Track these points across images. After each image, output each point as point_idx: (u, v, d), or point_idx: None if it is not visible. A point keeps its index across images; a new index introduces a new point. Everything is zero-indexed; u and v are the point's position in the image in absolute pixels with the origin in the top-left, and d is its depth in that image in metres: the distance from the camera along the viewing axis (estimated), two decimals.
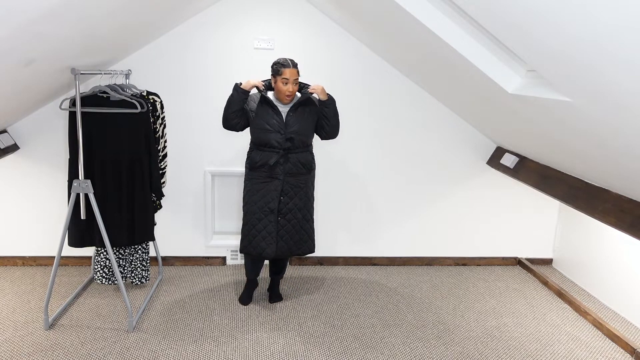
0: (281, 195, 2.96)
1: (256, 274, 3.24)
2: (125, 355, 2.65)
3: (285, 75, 2.82)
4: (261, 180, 2.96)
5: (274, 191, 2.95)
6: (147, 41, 3.41)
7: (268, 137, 2.91)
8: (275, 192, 2.95)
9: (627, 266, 3.22)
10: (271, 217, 2.96)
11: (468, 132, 3.85)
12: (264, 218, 2.96)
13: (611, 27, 1.24)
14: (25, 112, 3.35)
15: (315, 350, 2.77)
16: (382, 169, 3.86)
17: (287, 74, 2.81)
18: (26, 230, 3.67)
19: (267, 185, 2.96)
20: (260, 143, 2.95)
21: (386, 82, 3.71)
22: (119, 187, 3.05)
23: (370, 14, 2.80)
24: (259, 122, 2.91)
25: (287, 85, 2.83)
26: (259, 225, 2.97)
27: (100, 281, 3.27)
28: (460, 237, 4.03)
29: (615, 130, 1.83)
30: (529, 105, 2.33)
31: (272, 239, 2.97)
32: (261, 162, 2.94)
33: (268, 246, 2.97)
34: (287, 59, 2.86)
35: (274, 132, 2.90)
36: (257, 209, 2.96)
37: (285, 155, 2.93)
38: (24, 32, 1.85)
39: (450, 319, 3.18)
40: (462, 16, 2.22)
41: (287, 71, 2.81)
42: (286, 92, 2.85)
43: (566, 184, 2.91)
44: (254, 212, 2.97)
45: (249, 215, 3.00)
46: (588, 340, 2.99)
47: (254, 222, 2.98)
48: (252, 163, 2.99)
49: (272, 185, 2.95)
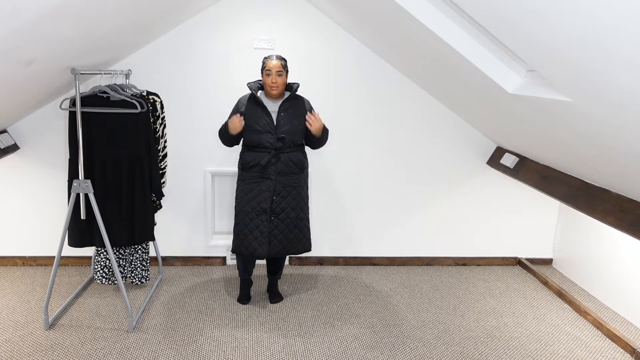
0: (274, 195, 2.97)
1: (249, 274, 3.24)
2: (125, 355, 2.65)
3: (268, 67, 2.89)
4: (253, 180, 2.98)
5: (266, 191, 2.96)
6: (147, 41, 3.41)
7: (259, 138, 2.94)
8: (268, 192, 2.96)
9: (627, 266, 3.22)
10: (263, 217, 2.97)
11: (468, 132, 3.85)
12: (255, 218, 2.97)
13: (611, 27, 1.24)
14: (25, 112, 3.35)
15: (315, 350, 2.77)
16: (382, 168, 3.86)
17: (269, 65, 2.89)
18: (26, 230, 3.67)
19: (258, 185, 2.97)
20: (251, 144, 2.98)
21: (386, 82, 3.71)
22: (119, 187, 3.05)
23: (369, 14, 2.80)
24: (250, 123, 2.95)
25: (270, 77, 2.90)
26: (250, 225, 2.98)
27: (101, 281, 3.27)
28: (460, 237, 4.03)
29: (615, 130, 1.82)
30: (529, 105, 2.33)
31: (265, 239, 2.98)
32: (253, 163, 2.97)
33: (260, 246, 2.98)
34: (273, 54, 2.95)
35: (265, 133, 2.93)
36: (250, 208, 2.98)
37: (276, 155, 2.95)
38: (24, 32, 1.85)
39: (450, 319, 3.18)
40: (462, 16, 2.22)
41: (269, 63, 2.89)
42: (269, 84, 2.91)
43: (566, 184, 2.91)
44: (246, 212, 2.99)
45: (241, 215, 3.01)
46: (588, 340, 2.99)
47: (246, 222, 2.99)
48: (244, 163, 3.02)
49: (264, 185, 2.96)
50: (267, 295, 3.35)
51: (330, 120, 3.71)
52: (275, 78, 2.90)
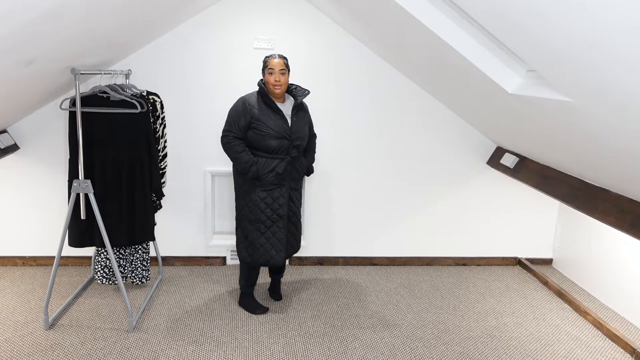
0: (290, 201, 2.94)
1: (255, 284, 3.19)
2: (125, 355, 2.65)
3: (271, 66, 2.81)
4: (265, 188, 2.87)
5: (281, 197, 2.89)
6: (147, 41, 3.41)
7: (276, 144, 2.82)
8: (283, 199, 2.89)
9: (627, 266, 3.22)
10: (280, 224, 2.91)
11: (468, 132, 3.85)
12: (272, 225, 2.90)
13: (611, 27, 1.24)
14: (25, 112, 3.35)
15: (315, 350, 2.77)
16: (382, 168, 3.86)
17: (272, 64, 2.81)
18: (26, 230, 3.67)
19: (272, 192, 2.88)
20: (265, 149, 2.85)
21: (386, 82, 3.71)
22: (119, 187, 3.05)
23: (369, 14, 2.80)
24: (263, 128, 2.81)
25: (272, 75, 2.81)
26: (267, 232, 2.90)
27: (101, 281, 3.27)
28: (460, 237, 4.03)
29: (615, 130, 1.82)
30: (529, 105, 2.33)
31: (282, 245, 2.93)
32: (268, 170, 2.84)
33: (278, 253, 2.92)
34: (274, 53, 2.89)
35: (281, 139, 2.82)
36: (265, 217, 2.89)
37: (291, 161, 2.89)
38: (23, 32, 1.85)
39: (450, 319, 3.18)
40: (462, 16, 2.22)
41: (272, 61, 2.82)
42: (272, 82, 2.81)
43: (566, 184, 2.91)
44: (261, 220, 2.89)
45: (255, 224, 2.90)
46: (588, 340, 2.99)
47: (262, 229, 2.90)
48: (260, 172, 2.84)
49: (277, 192, 2.88)
50: (268, 294, 3.34)
51: (330, 120, 3.72)
52: (279, 76, 2.81)
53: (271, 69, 2.81)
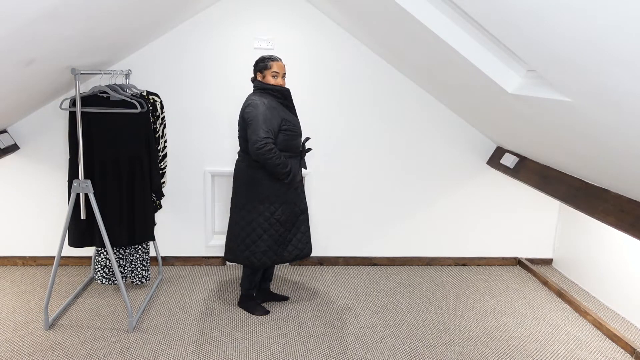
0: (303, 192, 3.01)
1: (257, 286, 3.19)
2: (125, 355, 2.65)
3: (275, 69, 2.80)
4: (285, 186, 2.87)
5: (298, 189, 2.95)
6: (147, 41, 3.41)
7: (296, 142, 2.88)
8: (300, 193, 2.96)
9: (627, 266, 3.22)
10: (303, 217, 3.00)
11: (468, 132, 3.85)
12: (297, 220, 2.97)
13: (611, 27, 1.24)
14: (25, 112, 3.35)
15: (315, 350, 2.77)
16: (382, 168, 3.86)
17: (276, 67, 2.81)
18: (26, 230, 3.67)
19: (288, 191, 2.89)
20: (291, 149, 2.85)
21: (386, 82, 3.71)
22: (119, 187, 3.05)
23: (369, 14, 2.80)
24: (290, 127, 2.81)
25: (277, 79, 2.81)
26: (302, 227, 2.99)
27: (101, 281, 3.27)
28: (460, 237, 4.03)
29: (615, 130, 1.83)
30: (529, 105, 2.33)
31: (308, 237, 3.03)
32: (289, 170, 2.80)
33: (305, 245, 3.01)
34: (274, 55, 2.91)
35: (300, 136, 2.90)
36: (299, 211, 2.96)
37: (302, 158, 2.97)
38: (24, 32, 1.85)
39: (450, 319, 3.18)
40: (462, 16, 2.22)
41: (277, 64, 2.81)
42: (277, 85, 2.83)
43: (566, 184, 2.91)
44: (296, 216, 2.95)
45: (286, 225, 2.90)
46: (588, 340, 2.99)
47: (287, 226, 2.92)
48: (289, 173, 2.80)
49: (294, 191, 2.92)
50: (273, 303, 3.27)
51: (329, 120, 3.72)
52: (283, 79, 2.86)
53: (276, 72, 2.81)
